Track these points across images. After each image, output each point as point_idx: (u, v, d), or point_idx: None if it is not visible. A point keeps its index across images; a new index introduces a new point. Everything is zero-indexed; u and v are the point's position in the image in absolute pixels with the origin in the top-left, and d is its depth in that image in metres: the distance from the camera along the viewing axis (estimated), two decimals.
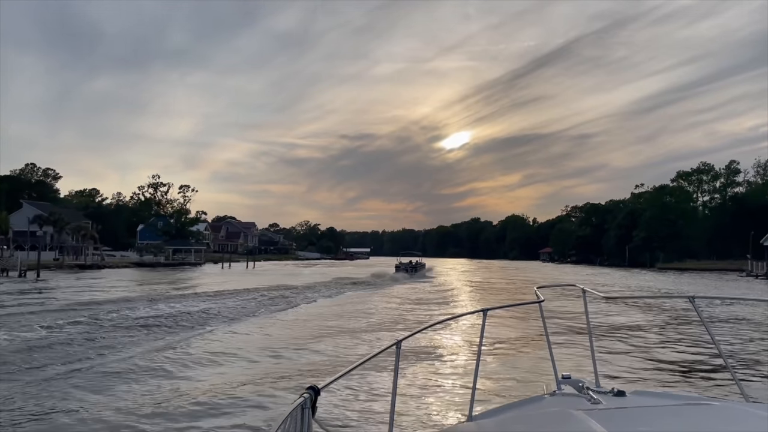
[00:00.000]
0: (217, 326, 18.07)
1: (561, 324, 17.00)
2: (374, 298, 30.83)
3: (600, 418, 1.99)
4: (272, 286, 36.95)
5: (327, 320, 20.32)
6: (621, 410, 2.46)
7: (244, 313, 21.98)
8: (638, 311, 23.06)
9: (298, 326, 18.90)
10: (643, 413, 2.39)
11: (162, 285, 39.19)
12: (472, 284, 48.07)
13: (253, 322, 19.79)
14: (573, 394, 3.05)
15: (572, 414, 2.17)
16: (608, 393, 2.83)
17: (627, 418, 2.29)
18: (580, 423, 2.00)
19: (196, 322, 18.61)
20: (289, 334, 17.07)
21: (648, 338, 16.34)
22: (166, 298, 27.09)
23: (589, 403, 2.65)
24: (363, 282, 45.24)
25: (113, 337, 15.33)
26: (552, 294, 20.08)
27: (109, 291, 32.75)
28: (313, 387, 2.02)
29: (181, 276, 52.79)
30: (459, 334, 16.25)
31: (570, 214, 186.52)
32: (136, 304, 23.05)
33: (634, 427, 2.12)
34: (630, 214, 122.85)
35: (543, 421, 2.49)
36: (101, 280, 43.37)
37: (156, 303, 23.87)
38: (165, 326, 17.54)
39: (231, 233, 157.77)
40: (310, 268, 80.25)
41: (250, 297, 28.20)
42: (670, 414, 2.32)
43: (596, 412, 2.34)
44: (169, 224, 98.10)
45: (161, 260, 73.85)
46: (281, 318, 21.21)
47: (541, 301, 4.05)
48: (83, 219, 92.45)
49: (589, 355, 4.06)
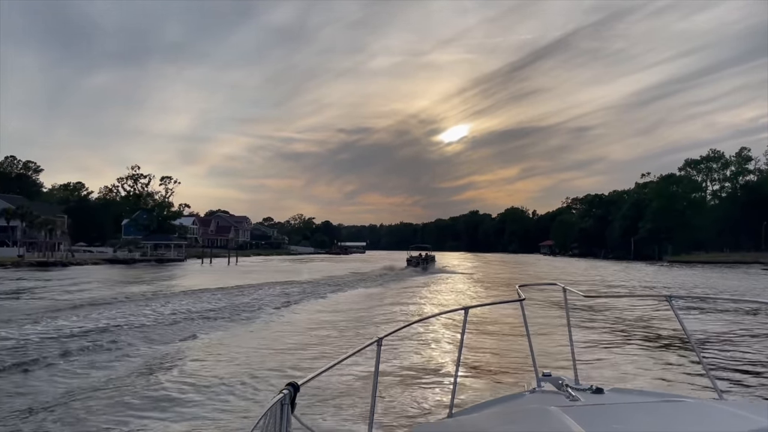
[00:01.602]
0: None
1: (542, 323, 16.00)
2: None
3: (577, 415, 2.05)
4: (231, 286, 31.83)
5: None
6: (598, 407, 2.51)
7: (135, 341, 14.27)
8: (620, 309, 22.17)
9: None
10: (620, 410, 2.44)
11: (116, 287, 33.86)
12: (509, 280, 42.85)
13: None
14: (552, 391, 3.10)
15: (550, 411, 2.22)
16: (587, 390, 2.92)
17: (604, 415, 2.32)
18: (558, 420, 2.03)
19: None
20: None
21: (628, 336, 16.16)
22: (92, 305, 21.75)
23: (568, 401, 2.71)
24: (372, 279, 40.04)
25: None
26: (532, 291, 19.40)
27: (33, 295, 27.39)
28: (292, 383, 2.03)
29: (146, 275, 47.51)
30: (441, 331, 15.78)
31: (570, 206, 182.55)
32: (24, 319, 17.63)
33: (611, 424, 2.15)
34: (635, 204, 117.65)
35: (521, 417, 2.53)
36: (48, 282, 37.97)
37: (55, 318, 18.18)
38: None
39: (222, 227, 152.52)
40: (298, 264, 75.10)
41: (183, 307, 22.33)
42: (646, 411, 2.38)
43: (574, 409, 2.38)
44: (151, 218, 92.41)
45: (136, 256, 68.39)
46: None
47: (522, 299, 4.05)
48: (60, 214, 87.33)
49: (569, 352, 4.06)
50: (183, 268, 61.96)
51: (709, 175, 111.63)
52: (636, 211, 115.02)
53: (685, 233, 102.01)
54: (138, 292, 28.79)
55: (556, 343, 11.41)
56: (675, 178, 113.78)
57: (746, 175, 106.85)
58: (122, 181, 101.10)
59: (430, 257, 60.08)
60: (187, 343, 14.00)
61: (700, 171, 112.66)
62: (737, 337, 15.78)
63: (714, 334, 15.96)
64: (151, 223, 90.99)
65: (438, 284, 37.82)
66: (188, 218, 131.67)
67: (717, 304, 22.93)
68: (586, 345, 13.91)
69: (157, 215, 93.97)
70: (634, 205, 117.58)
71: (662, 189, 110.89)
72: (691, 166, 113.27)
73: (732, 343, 14.75)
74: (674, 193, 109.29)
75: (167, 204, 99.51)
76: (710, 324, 17.90)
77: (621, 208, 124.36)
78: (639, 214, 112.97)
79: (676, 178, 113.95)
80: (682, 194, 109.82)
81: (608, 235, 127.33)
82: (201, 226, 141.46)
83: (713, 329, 16.83)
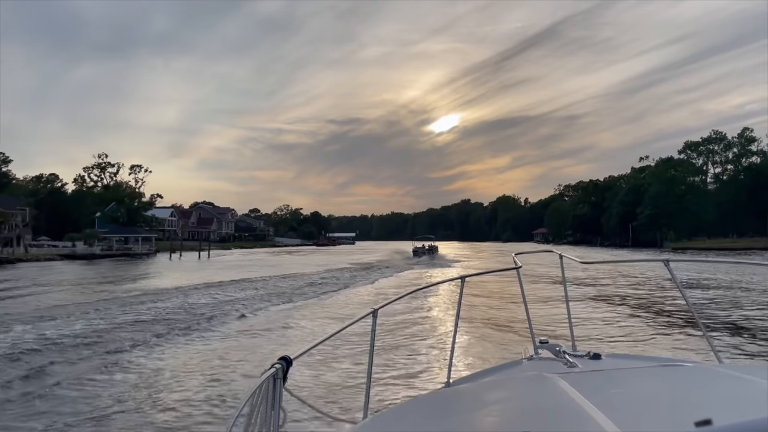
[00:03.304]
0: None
1: (538, 289, 16.36)
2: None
3: (575, 381, 2.03)
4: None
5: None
6: (596, 372, 2.49)
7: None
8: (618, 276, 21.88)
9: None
10: (618, 375, 2.42)
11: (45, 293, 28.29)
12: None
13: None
14: (550, 358, 3.07)
15: (548, 377, 2.20)
16: (584, 357, 2.88)
17: (602, 380, 2.30)
18: (556, 386, 2.02)
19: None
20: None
21: (625, 302, 15.84)
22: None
23: (566, 367, 2.66)
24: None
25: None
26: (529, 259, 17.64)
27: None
28: (285, 357, 2.01)
29: (90, 273, 41.78)
30: (437, 301, 15.73)
31: (563, 193, 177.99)
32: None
33: (608, 388, 2.15)
34: (633, 190, 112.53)
35: (519, 384, 2.50)
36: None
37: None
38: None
39: (204, 219, 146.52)
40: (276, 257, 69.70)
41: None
42: (644, 375, 2.37)
43: (572, 375, 2.35)
44: (120, 210, 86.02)
45: (97, 251, 62.36)
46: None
47: (519, 267, 4.04)
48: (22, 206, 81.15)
49: (566, 319, 4.09)
50: (145, 264, 56.20)
51: (711, 158, 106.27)
52: (634, 196, 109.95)
53: (686, 218, 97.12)
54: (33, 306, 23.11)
55: (555, 312, 11.16)
56: (674, 162, 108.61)
57: (749, 157, 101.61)
58: (88, 170, 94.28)
59: (434, 247, 62.10)
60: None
61: (700, 153, 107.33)
62: (736, 301, 15.26)
63: (713, 298, 15.45)
64: (120, 215, 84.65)
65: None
66: (166, 210, 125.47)
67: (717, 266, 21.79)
68: (583, 312, 13.55)
69: (127, 206, 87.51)
70: (632, 191, 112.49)
71: (661, 173, 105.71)
72: (692, 148, 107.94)
73: (731, 307, 14.17)
74: (674, 177, 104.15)
75: (137, 194, 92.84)
76: (710, 291, 17.30)
77: (618, 194, 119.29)
78: (637, 199, 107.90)
79: (675, 161, 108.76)
80: (681, 178, 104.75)
81: (604, 222, 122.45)
82: (182, 218, 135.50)
83: (712, 294, 16.23)
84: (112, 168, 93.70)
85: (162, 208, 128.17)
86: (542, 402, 2.01)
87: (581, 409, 1.64)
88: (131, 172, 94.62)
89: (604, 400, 1.77)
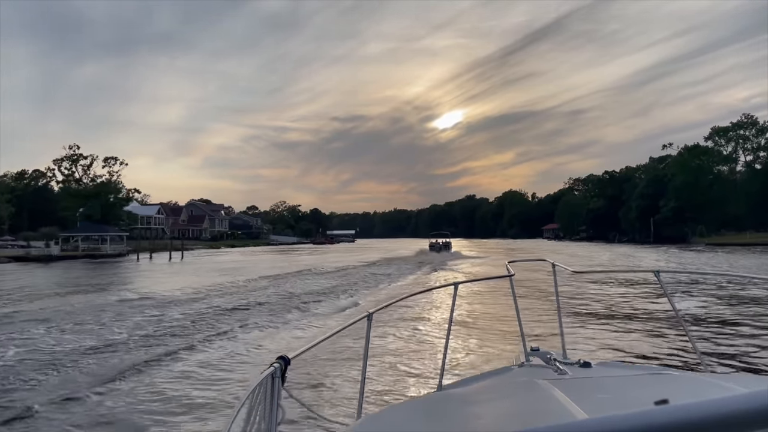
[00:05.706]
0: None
1: (531, 298, 16.53)
2: None
3: (565, 388, 2.07)
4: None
5: None
6: (586, 380, 2.52)
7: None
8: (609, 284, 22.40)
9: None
10: (607, 383, 2.46)
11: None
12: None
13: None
14: (540, 365, 3.10)
15: (538, 383, 2.24)
16: (574, 364, 2.91)
17: (591, 388, 2.33)
18: (546, 392, 2.06)
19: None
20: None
21: (616, 312, 16.10)
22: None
23: (556, 374, 2.69)
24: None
25: None
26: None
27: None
28: (283, 357, 2.05)
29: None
30: (431, 306, 16.04)
31: (572, 186, 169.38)
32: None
33: (598, 396, 2.17)
34: (654, 181, 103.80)
35: (510, 390, 2.54)
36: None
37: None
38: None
39: (195, 217, 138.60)
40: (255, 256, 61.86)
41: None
42: (633, 383, 2.39)
43: (562, 381, 2.40)
44: (94, 206, 77.83)
45: (54, 252, 54.34)
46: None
47: (512, 275, 4.05)
48: None
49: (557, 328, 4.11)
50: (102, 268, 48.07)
51: (742, 144, 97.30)
52: (655, 188, 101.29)
53: (716, 211, 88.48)
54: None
55: (546, 319, 11.30)
56: (700, 149, 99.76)
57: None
58: (58, 162, 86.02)
59: (447, 243, 63.47)
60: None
61: (730, 140, 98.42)
62: (724, 313, 15.42)
63: (701, 310, 15.62)
64: (93, 212, 76.51)
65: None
66: (152, 207, 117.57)
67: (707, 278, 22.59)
68: (574, 321, 13.85)
69: (101, 203, 79.32)
70: (653, 182, 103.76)
71: (686, 162, 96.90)
72: (720, 134, 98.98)
73: (719, 319, 14.47)
74: (700, 165, 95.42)
75: (114, 189, 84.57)
76: (699, 301, 17.62)
77: (636, 186, 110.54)
78: (658, 191, 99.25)
79: (701, 149, 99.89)
80: (708, 167, 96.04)
81: (622, 217, 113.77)
82: (171, 216, 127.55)
83: (701, 306, 16.50)
84: (84, 160, 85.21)
85: (150, 206, 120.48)
86: (532, 407, 2.05)
87: (570, 415, 1.68)
88: (105, 165, 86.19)
89: (593, 406, 1.83)
